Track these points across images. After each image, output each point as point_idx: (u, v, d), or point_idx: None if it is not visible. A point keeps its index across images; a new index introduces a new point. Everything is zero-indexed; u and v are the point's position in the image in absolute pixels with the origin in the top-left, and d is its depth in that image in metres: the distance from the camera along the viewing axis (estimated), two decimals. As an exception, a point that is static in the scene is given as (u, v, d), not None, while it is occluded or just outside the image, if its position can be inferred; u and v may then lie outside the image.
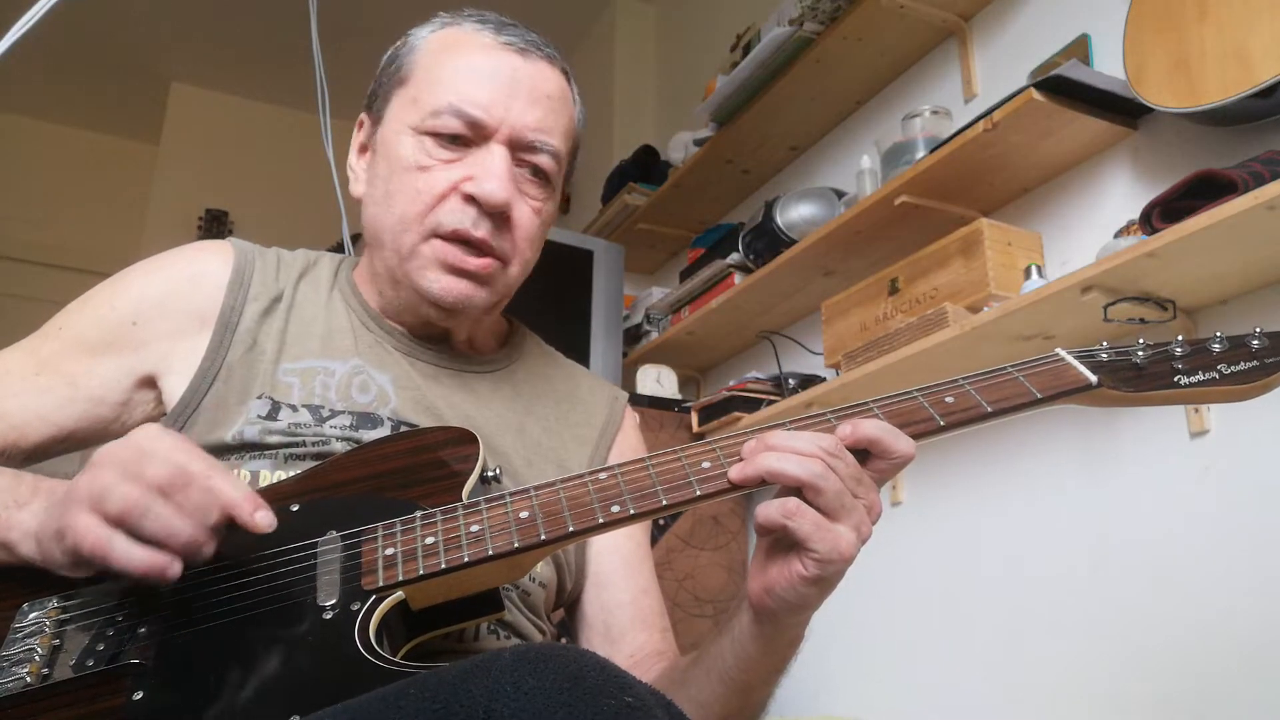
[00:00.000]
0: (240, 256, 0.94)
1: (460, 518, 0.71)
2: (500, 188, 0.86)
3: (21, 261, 4.28)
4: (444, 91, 0.88)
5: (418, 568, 0.68)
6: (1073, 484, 1.66)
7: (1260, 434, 1.40)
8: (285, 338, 0.91)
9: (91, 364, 0.89)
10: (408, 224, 0.87)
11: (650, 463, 0.72)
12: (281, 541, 0.71)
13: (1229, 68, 1.36)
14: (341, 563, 0.70)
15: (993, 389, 0.77)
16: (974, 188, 1.84)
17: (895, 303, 1.87)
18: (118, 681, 0.64)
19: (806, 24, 2.21)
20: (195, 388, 0.88)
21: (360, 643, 0.65)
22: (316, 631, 0.66)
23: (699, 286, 2.52)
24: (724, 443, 0.73)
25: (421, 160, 0.88)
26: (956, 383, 0.77)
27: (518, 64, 0.90)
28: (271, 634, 0.67)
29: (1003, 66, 1.97)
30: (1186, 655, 1.43)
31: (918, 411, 0.76)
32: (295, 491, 0.77)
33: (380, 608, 0.67)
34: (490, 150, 0.87)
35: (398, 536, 0.71)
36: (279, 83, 4.10)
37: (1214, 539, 1.43)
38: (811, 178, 2.54)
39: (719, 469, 0.71)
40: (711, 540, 2.28)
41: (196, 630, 0.67)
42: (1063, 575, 1.64)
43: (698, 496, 0.70)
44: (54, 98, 4.36)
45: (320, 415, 0.86)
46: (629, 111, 3.60)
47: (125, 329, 0.90)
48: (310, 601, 0.68)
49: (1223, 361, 0.77)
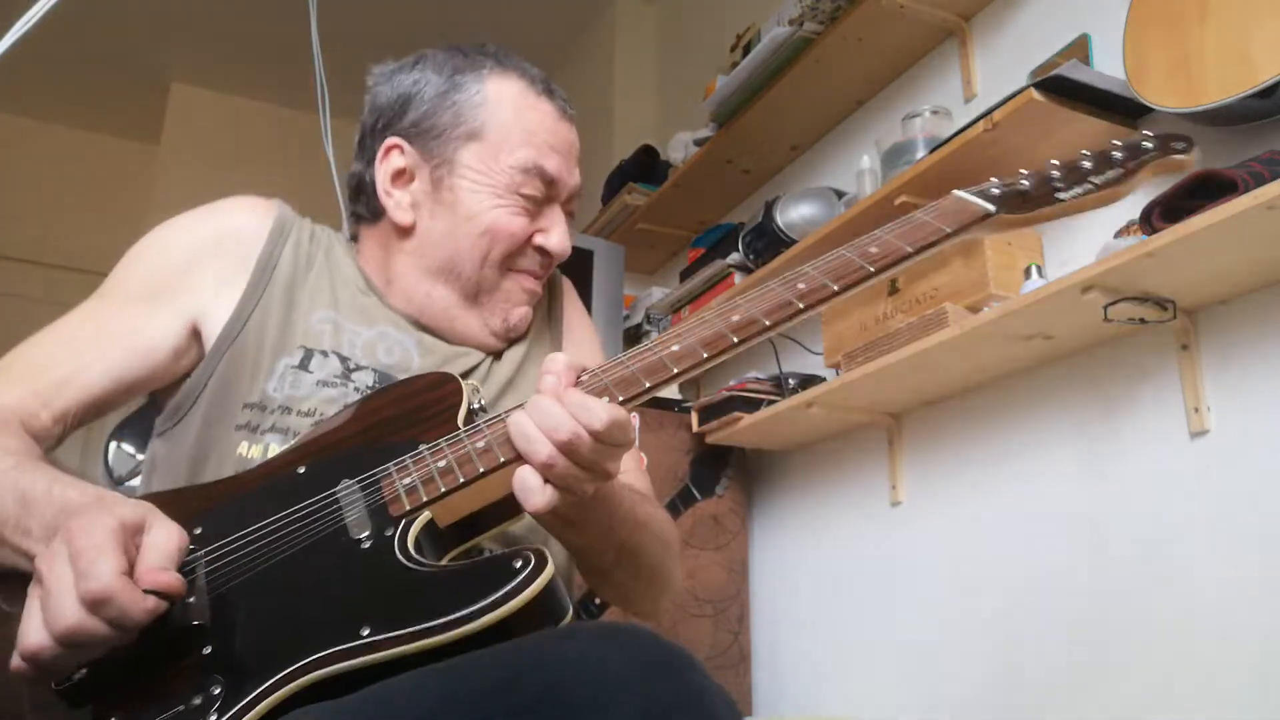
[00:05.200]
0: (283, 212, 1.03)
1: (464, 439, 0.76)
2: (566, 246, 1.03)
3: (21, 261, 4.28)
4: (529, 154, 1.00)
5: (438, 486, 0.74)
6: (1072, 484, 1.66)
7: (1260, 434, 1.40)
8: (318, 291, 0.99)
9: (147, 314, 0.93)
10: (493, 264, 1.00)
11: (626, 358, 0.78)
12: (301, 499, 0.76)
13: (1229, 68, 1.36)
14: (365, 501, 0.75)
15: (909, 233, 0.84)
16: (974, 188, 1.84)
17: (895, 303, 1.87)
18: (186, 642, 0.68)
19: (806, 24, 2.21)
20: (232, 324, 0.93)
21: (403, 556, 0.71)
22: (359, 560, 0.71)
23: (699, 286, 2.52)
24: (690, 328, 0.78)
25: (510, 210, 1.00)
26: (875, 235, 0.84)
27: (570, 134, 1.05)
28: (318, 571, 0.71)
29: (1003, 66, 1.97)
30: (1187, 655, 1.43)
31: (849, 264, 0.81)
32: (296, 456, 0.82)
33: (413, 528, 0.73)
34: (556, 210, 1.03)
35: (410, 468, 0.76)
36: (279, 83, 4.10)
37: (1214, 539, 1.43)
38: (811, 178, 2.54)
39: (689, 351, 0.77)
40: (712, 540, 2.28)
41: (242, 582, 0.71)
42: (1062, 575, 1.64)
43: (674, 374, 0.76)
44: (54, 98, 4.36)
45: (348, 365, 0.94)
46: (629, 111, 3.60)
47: (175, 277, 0.95)
48: (346, 539, 0.73)
49: (1093, 174, 0.88)
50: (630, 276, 2.97)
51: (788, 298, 0.79)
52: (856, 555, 2.11)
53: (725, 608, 2.25)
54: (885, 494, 2.05)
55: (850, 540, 2.14)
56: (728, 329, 0.77)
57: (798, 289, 0.79)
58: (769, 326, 0.77)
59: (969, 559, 1.83)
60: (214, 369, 0.92)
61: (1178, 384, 1.52)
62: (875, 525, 2.07)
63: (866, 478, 2.11)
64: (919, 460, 2.00)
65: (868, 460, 2.12)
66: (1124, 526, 1.56)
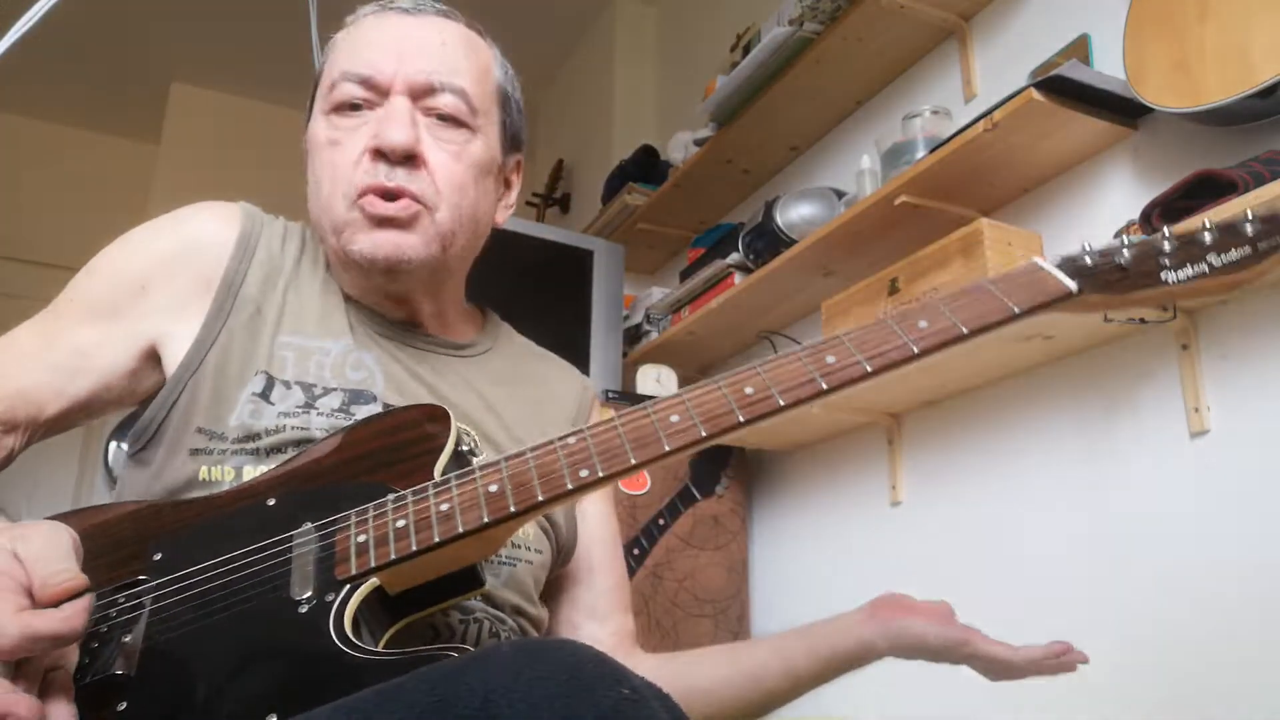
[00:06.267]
0: (247, 221, 0.94)
1: (430, 497, 0.70)
2: (399, 130, 0.85)
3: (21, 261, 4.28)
4: (339, 65, 0.89)
5: (389, 552, 0.67)
6: (1072, 484, 1.66)
7: (1260, 434, 1.40)
8: (284, 310, 0.91)
9: (101, 334, 0.88)
10: (334, 199, 0.88)
11: (619, 422, 0.70)
12: (257, 540, 0.71)
13: (1229, 68, 1.36)
14: (316, 554, 0.70)
15: (968, 306, 0.72)
16: (974, 188, 1.84)
17: (895, 302, 1.86)
18: (105, 694, 0.65)
19: (806, 24, 2.21)
20: (195, 352, 0.87)
21: (336, 635, 0.65)
22: (293, 627, 0.66)
23: (699, 286, 2.52)
24: (694, 395, 0.70)
25: (332, 135, 0.89)
26: (930, 305, 0.72)
27: (407, 22, 0.91)
28: (249, 634, 0.67)
29: (1003, 66, 1.97)
30: (1187, 654, 1.43)
31: (889, 338, 0.71)
32: (270, 485, 0.77)
33: (355, 596, 0.67)
34: (391, 103, 0.87)
35: (370, 522, 0.70)
36: (279, 83, 4.09)
37: (1214, 539, 1.43)
38: (811, 178, 2.54)
39: (688, 422, 0.69)
40: (711, 540, 2.28)
41: (177, 636, 0.68)
42: (1062, 575, 1.64)
43: (666, 452, 0.68)
44: (54, 98, 4.35)
45: (312, 393, 0.86)
46: (629, 111, 3.60)
47: (134, 294, 0.89)
48: (285, 596, 0.67)
49: (1213, 251, 0.71)
50: (630, 276, 2.97)
51: (812, 374, 0.69)
52: (856, 555, 2.11)
53: (725, 608, 2.25)
54: (885, 494, 2.05)
55: (850, 540, 2.14)
56: (737, 404, 0.69)
57: (824, 362, 0.70)
58: (782, 407, 0.68)
59: (969, 559, 1.83)
60: (175, 400, 0.87)
61: (1178, 384, 1.52)
62: (875, 525, 2.07)
63: (866, 478, 2.11)
64: (919, 460, 2.00)
65: (868, 460, 2.12)
66: (1124, 526, 1.56)
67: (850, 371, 0.69)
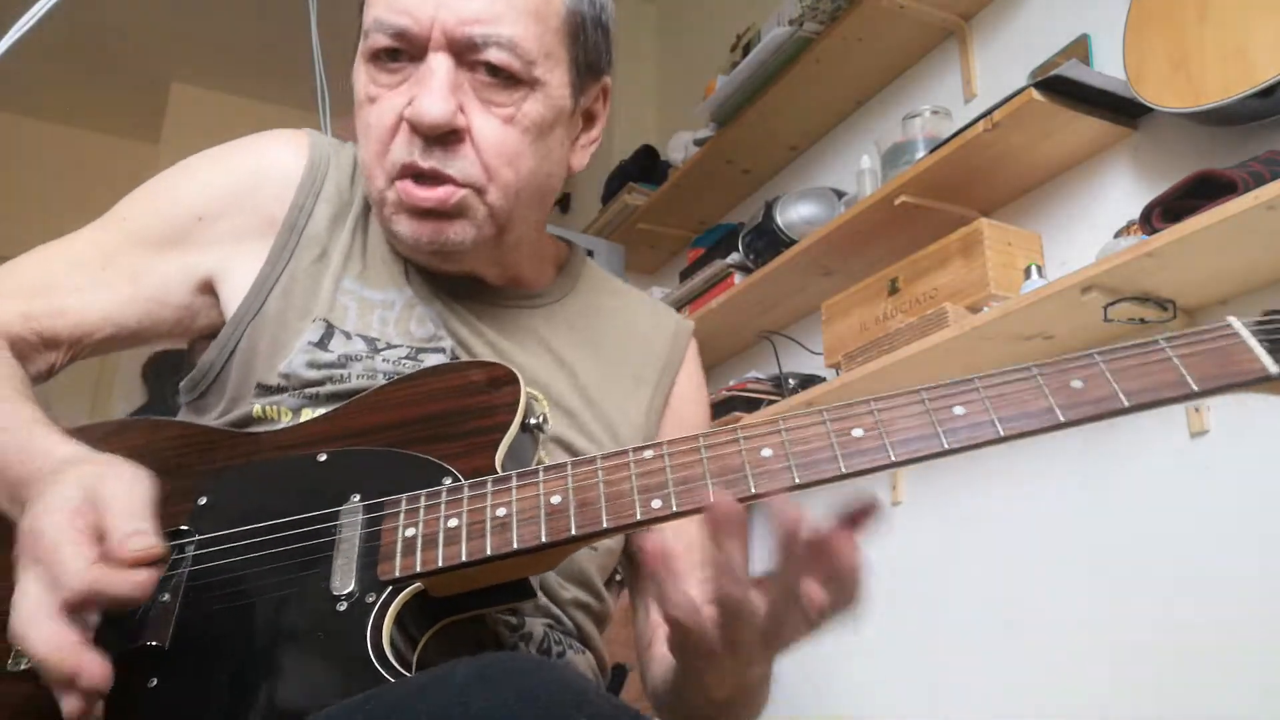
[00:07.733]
0: (315, 151, 0.87)
1: (488, 495, 0.64)
2: (431, 105, 0.74)
3: (21, 261, 4.28)
4: (372, 11, 0.78)
5: (436, 558, 0.63)
6: (1072, 483, 1.66)
7: (1260, 434, 1.40)
8: (351, 252, 0.84)
9: (153, 260, 0.83)
10: (374, 170, 0.79)
11: (704, 444, 0.62)
12: (306, 503, 0.68)
13: (1229, 68, 1.36)
14: (360, 542, 0.65)
15: (1136, 371, 0.58)
16: (974, 188, 1.84)
17: (895, 303, 1.87)
18: (136, 665, 0.62)
19: (806, 24, 2.21)
20: (254, 295, 0.82)
21: (371, 644, 0.61)
22: (329, 625, 0.63)
23: (699, 286, 2.52)
24: (793, 427, 0.62)
25: (370, 91, 0.79)
26: (1087, 359, 0.59)
27: None
28: (286, 623, 0.64)
29: (1003, 66, 1.97)
30: (1187, 654, 1.43)
31: (1033, 398, 0.59)
32: (323, 435, 0.72)
33: (397, 601, 0.63)
34: (429, 63, 0.75)
35: (420, 514, 0.65)
36: (279, 83, 4.09)
37: (1214, 539, 1.43)
38: (811, 178, 2.54)
39: (781, 463, 0.61)
40: (711, 540, 2.28)
41: (213, 610, 0.65)
42: (1062, 575, 1.64)
43: (752, 495, 0.61)
44: (54, 98, 4.36)
45: (375, 346, 0.80)
46: (629, 111, 3.60)
47: (189, 224, 0.84)
48: (324, 589, 0.64)
49: None
50: (630, 276, 2.97)
51: (933, 429, 0.61)
52: (856, 555, 2.11)
53: (725, 608, 2.25)
54: (885, 494, 2.05)
55: (850, 540, 2.13)
56: (841, 449, 0.63)
57: (951, 414, 0.61)
58: (895, 462, 0.62)
59: (969, 559, 1.83)
60: (234, 346, 0.82)
61: (1178, 384, 1.52)
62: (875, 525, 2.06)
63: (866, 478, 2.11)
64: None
65: (868, 460, 2.11)
66: (1124, 525, 1.56)
67: (978, 433, 0.60)
